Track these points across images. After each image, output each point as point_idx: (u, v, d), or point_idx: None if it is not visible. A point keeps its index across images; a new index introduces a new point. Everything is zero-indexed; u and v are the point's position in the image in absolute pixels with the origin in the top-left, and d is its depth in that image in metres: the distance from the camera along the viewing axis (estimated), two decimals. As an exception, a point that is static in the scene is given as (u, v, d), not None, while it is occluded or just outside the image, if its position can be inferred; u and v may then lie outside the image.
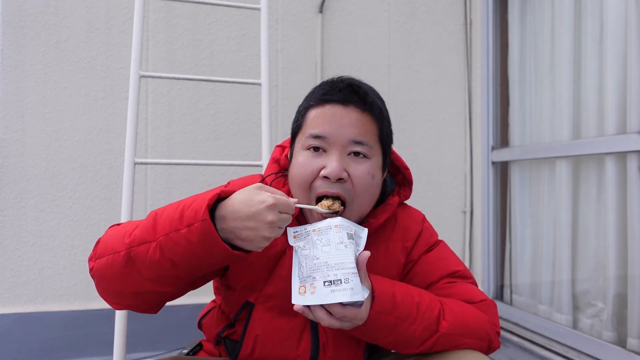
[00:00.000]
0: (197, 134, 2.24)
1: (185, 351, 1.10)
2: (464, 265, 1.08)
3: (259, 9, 1.93)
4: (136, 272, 0.84)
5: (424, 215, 1.14)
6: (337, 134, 0.92)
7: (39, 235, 2.05)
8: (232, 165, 1.98)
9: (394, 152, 1.10)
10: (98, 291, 0.91)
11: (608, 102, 1.80)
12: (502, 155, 2.40)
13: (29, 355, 2.00)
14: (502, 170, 2.45)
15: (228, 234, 0.81)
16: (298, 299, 0.82)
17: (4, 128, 2.02)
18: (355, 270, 0.83)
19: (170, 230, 0.80)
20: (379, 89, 1.06)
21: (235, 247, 0.82)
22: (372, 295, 0.87)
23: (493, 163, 2.45)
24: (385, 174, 1.04)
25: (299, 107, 1.02)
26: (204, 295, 2.14)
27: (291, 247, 1.00)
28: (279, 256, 0.99)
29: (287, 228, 0.87)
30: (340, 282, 0.81)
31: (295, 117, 1.02)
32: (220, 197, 0.83)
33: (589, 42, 1.92)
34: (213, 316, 1.10)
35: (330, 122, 0.93)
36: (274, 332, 0.99)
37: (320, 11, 2.38)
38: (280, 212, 0.80)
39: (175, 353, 1.16)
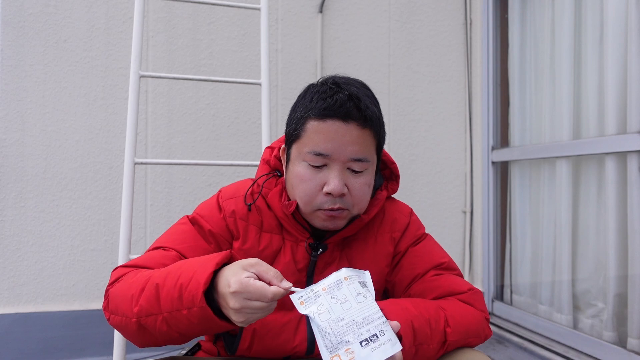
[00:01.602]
0: (197, 134, 2.24)
1: (184, 351, 1.11)
2: (449, 257, 1.10)
3: (259, 9, 1.93)
4: (149, 335, 0.88)
5: (411, 209, 1.16)
6: (338, 152, 0.94)
7: (39, 235, 2.05)
8: (232, 165, 1.98)
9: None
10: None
11: (608, 102, 1.80)
12: (502, 155, 2.40)
13: (29, 355, 2.00)
14: (502, 170, 2.45)
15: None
16: None
17: (4, 128, 2.02)
18: (385, 319, 0.77)
19: (172, 309, 0.83)
20: (379, 89, 1.07)
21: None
22: (398, 335, 0.85)
23: (493, 163, 2.45)
24: (377, 174, 1.07)
25: (296, 110, 1.01)
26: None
27: (287, 245, 1.02)
28: (275, 255, 1.02)
29: (290, 296, 0.81)
30: (377, 337, 0.74)
31: (291, 121, 1.01)
32: (217, 270, 0.82)
33: (589, 42, 1.92)
34: None
35: (332, 139, 0.94)
36: (271, 325, 1.01)
37: (320, 11, 2.38)
38: (248, 299, 0.75)
39: (174, 353, 1.16)
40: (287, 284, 0.78)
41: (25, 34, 2.05)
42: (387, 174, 1.13)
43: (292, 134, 1.00)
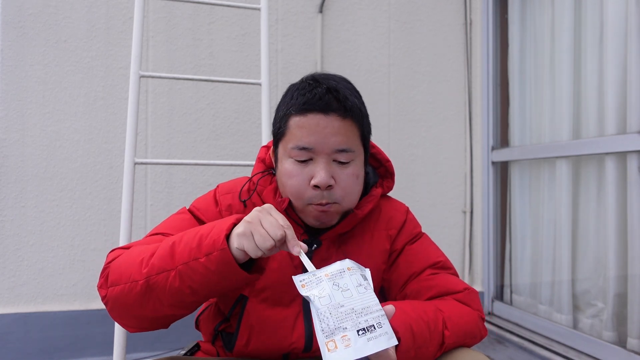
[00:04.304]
0: (197, 134, 2.24)
1: (183, 352, 1.11)
2: (445, 256, 1.11)
3: (259, 9, 1.93)
4: (155, 299, 0.86)
5: (408, 207, 1.17)
6: (321, 144, 0.95)
7: (39, 235, 2.05)
8: (232, 165, 1.98)
9: (375, 146, 1.12)
10: (112, 316, 0.93)
11: (608, 102, 1.80)
12: (502, 155, 2.40)
13: (29, 355, 2.00)
14: (502, 170, 2.45)
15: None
16: (330, 357, 0.72)
17: (4, 128, 2.02)
18: (383, 312, 0.78)
19: (189, 259, 0.82)
20: (379, 89, 1.06)
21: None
22: (397, 337, 0.85)
23: (493, 163, 2.45)
24: (366, 166, 1.08)
25: (279, 110, 1.03)
26: (203, 295, 2.13)
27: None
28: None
29: (293, 277, 0.83)
30: (374, 328, 0.75)
31: (275, 121, 1.03)
32: (236, 224, 0.84)
33: (589, 42, 1.92)
34: (210, 313, 1.12)
35: (314, 132, 0.95)
36: (268, 321, 1.01)
37: (320, 11, 2.38)
38: (260, 222, 0.81)
39: (174, 353, 1.17)
40: (298, 249, 0.82)
41: (25, 34, 2.05)
42: (382, 172, 1.14)
43: (277, 133, 1.01)
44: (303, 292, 0.79)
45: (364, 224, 1.08)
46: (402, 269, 1.07)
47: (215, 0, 2.00)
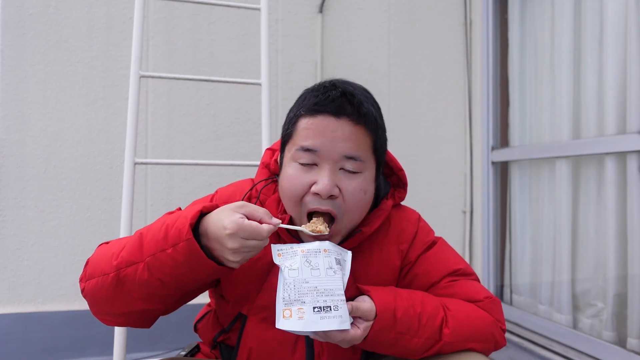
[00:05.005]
0: (197, 134, 2.24)
1: (183, 353, 1.10)
2: (465, 263, 1.06)
3: (259, 9, 1.93)
4: (126, 293, 0.85)
5: (419, 214, 1.12)
6: (328, 148, 0.89)
7: (40, 235, 2.06)
8: (232, 165, 1.98)
9: (388, 153, 1.07)
10: (91, 311, 0.92)
11: (608, 102, 1.80)
12: (502, 155, 2.40)
13: (29, 355, 2.01)
14: (502, 170, 2.45)
15: (209, 250, 0.82)
16: (283, 324, 0.78)
17: (4, 128, 2.02)
18: (344, 298, 0.82)
19: (157, 250, 0.81)
20: (379, 88, 1.05)
21: (220, 262, 0.82)
22: (375, 312, 0.86)
23: (493, 163, 2.45)
24: (377, 181, 1.02)
25: (290, 112, 0.98)
26: (202, 295, 2.14)
27: None
28: (270, 267, 0.97)
29: (271, 245, 0.84)
30: (330, 309, 0.80)
31: (286, 122, 0.98)
32: (203, 212, 0.83)
33: (589, 41, 1.92)
34: (208, 321, 1.10)
35: (322, 135, 0.89)
36: (268, 343, 0.98)
37: (320, 11, 2.38)
38: (245, 239, 0.78)
39: (174, 353, 1.17)
40: (276, 221, 0.82)
41: (25, 34, 2.05)
42: (394, 180, 1.08)
43: (285, 135, 0.96)
44: (277, 260, 0.84)
45: (372, 237, 1.02)
46: (421, 279, 1.02)
47: (215, 0, 2.00)
